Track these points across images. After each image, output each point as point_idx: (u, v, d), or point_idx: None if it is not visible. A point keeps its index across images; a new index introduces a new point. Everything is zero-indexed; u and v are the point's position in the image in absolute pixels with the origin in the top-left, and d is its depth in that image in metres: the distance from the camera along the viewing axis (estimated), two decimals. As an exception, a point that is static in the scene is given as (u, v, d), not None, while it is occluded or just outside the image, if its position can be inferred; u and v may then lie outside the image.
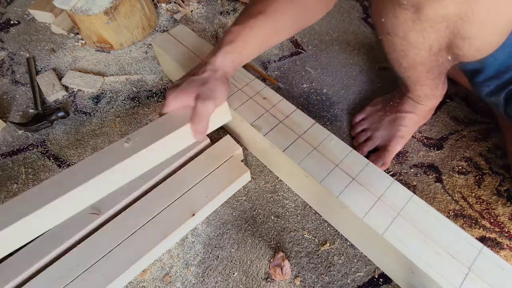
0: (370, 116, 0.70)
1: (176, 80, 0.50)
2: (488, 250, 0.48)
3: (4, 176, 0.72)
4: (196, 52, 0.74)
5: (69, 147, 0.75)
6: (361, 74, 0.80)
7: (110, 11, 0.81)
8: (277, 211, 0.63)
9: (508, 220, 0.59)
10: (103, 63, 0.88)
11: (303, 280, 0.56)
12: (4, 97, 0.84)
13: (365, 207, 0.52)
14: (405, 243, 0.49)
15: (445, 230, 0.50)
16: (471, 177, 0.64)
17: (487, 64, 0.50)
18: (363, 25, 0.88)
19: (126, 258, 0.55)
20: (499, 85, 0.53)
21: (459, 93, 0.74)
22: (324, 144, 0.59)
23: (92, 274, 0.54)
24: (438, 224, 0.50)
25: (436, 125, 0.70)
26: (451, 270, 0.47)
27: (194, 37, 0.77)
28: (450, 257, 0.48)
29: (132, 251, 0.56)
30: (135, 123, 0.77)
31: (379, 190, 0.54)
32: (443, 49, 0.47)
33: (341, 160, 0.57)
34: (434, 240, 0.49)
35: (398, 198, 0.53)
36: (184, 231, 0.61)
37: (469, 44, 0.44)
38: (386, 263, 0.55)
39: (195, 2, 0.97)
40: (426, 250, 0.48)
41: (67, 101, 0.82)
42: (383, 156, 0.64)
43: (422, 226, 0.50)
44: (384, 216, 0.51)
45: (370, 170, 0.56)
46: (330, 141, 0.59)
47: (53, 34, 0.95)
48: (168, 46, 0.75)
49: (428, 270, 0.47)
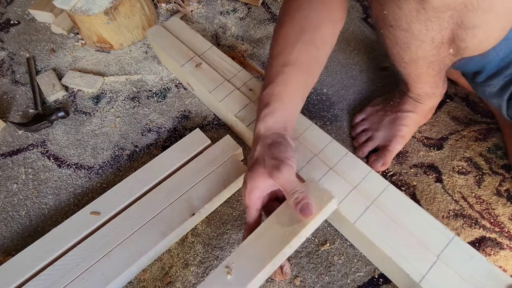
0: (371, 116, 0.70)
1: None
2: (459, 239, 0.49)
3: (4, 176, 0.72)
4: (187, 44, 0.77)
5: (69, 147, 0.75)
6: (361, 74, 0.80)
7: (110, 11, 0.81)
8: (277, 211, 0.63)
9: (508, 220, 0.59)
10: (103, 63, 0.88)
11: (303, 280, 0.56)
12: (4, 97, 0.84)
13: (340, 196, 0.54)
14: (375, 232, 0.51)
15: (418, 220, 0.51)
16: (471, 177, 0.64)
17: (489, 61, 0.50)
18: (363, 25, 0.88)
19: (126, 258, 0.55)
20: (502, 85, 0.53)
21: (459, 93, 0.74)
22: (305, 134, 0.61)
23: (92, 274, 0.54)
24: (411, 213, 0.52)
25: (436, 125, 0.70)
26: (420, 258, 0.48)
27: (187, 29, 0.80)
28: (420, 246, 0.49)
29: (132, 251, 0.55)
30: (135, 123, 0.77)
31: (355, 179, 0.55)
32: (445, 42, 0.46)
33: (320, 150, 0.59)
34: (406, 229, 0.51)
35: (374, 187, 0.54)
36: (184, 231, 0.60)
37: (472, 34, 0.43)
38: (371, 256, 0.57)
39: (195, 2, 0.97)
40: (396, 238, 0.50)
41: (67, 101, 0.82)
42: (384, 156, 0.64)
43: (395, 216, 0.52)
44: (358, 205, 0.53)
45: (349, 160, 0.58)
46: (312, 131, 0.61)
47: (53, 34, 0.95)
48: (162, 39, 0.78)
49: (396, 257, 0.48)
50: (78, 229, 0.58)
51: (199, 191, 0.61)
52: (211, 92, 0.68)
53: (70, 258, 0.55)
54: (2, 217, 0.67)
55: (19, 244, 0.58)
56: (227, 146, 0.65)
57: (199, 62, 0.73)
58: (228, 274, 0.44)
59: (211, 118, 0.75)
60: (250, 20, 0.92)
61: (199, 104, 0.78)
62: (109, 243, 0.56)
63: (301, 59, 0.50)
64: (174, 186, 0.61)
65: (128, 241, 0.56)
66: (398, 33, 0.47)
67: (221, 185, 0.61)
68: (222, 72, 0.71)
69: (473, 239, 0.58)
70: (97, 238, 0.57)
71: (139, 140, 0.74)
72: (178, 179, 0.62)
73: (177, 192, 0.61)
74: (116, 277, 0.53)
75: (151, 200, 0.60)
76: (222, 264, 0.45)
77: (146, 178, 0.63)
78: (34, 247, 0.57)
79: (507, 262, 0.56)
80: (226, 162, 0.63)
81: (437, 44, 0.47)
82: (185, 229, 0.60)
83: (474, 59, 0.50)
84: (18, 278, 0.54)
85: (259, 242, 0.46)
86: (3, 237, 0.65)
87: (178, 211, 0.59)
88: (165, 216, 0.59)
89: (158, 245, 0.56)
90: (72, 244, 0.57)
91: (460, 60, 0.50)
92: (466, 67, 0.58)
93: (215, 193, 0.60)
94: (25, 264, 0.55)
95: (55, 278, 0.53)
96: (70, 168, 0.72)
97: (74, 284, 0.53)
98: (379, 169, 0.65)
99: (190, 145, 0.66)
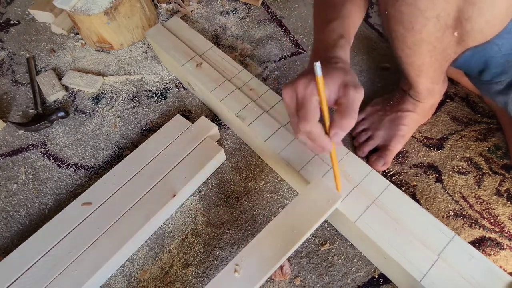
0: (371, 115, 0.70)
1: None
2: (459, 238, 0.50)
3: (4, 176, 0.72)
4: (187, 43, 0.77)
5: (69, 147, 0.75)
6: (361, 74, 0.80)
7: (110, 11, 0.81)
8: (277, 211, 0.63)
9: (508, 220, 0.59)
10: (103, 63, 0.88)
11: (303, 280, 0.56)
12: (4, 97, 0.84)
13: (341, 195, 0.54)
14: (376, 231, 0.51)
15: (419, 219, 0.51)
16: (471, 177, 0.64)
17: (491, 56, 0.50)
18: (363, 25, 0.88)
19: (112, 244, 0.57)
20: (508, 82, 0.52)
21: (459, 93, 0.74)
22: None
23: (81, 263, 0.56)
24: (412, 212, 0.52)
25: (436, 125, 0.70)
26: (420, 257, 0.48)
27: (188, 29, 0.80)
28: (421, 245, 0.49)
29: (118, 236, 0.58)
30: (135, 123, 0.77)
31: (356, 179, 0.56)
32: (450, 24, 0.46)
33: None
34: (407, 228, 0.51)
35: (374, 187, 0.55)
36: (167, 214, 0.63)
37: (478, 10, 0.43)
38: (371, 256, 0.57)
39: (195, 2, 0.97)
40: (397, 237, 0.50)
41: (67, 101, 0.82)
42: (384, 156, 0.64)
43: (396, 215, 0.52)
44: (359, 204, 0.53)
45: (349, 159, 0.58)
46: None
47: (53, 34, 0.95)
48: (163, 38, 0.78)
49: (397, 256, 0.49)
50: (71, 220, 0.60)
51: (179, 173, 0.64)
52: (212, 92, 0.69)
53: (61, 248, 0.57)
54: (2, 217, 0.67)
55: (19, 244, 0.59)
56: (203, 126, 0.68)
57: (199, 62, 0.73)
58: (236, 272, 0.45)
59: (211, 118, 0.75)
60: (250, 20, 0.92)
61: (199, 104, 0.78)
62: (96, 231, 0.58)
63: (352, 4, 0.51)
64: (155, 169, 0.64)
65: (114, 227, 0.59)
66: (404, 8, 0.46)
67: (197, 165, 0.64)
68: (223, 72, 0.71)
69: (473, 239, 0.58)
70: (85, 227, 0.59)
71: (139, 140, 0.74)
72: (159, 163, 0.65)
73: (158, 175, 0.64)
74: (104, 263, 0.55)
75: (134, 185, 0.63)
76: (231, 261, 0.47)
77: (133, 165, 0.65)
78: (29, 243, 0.58)
79: (507, 262, 0.56)
80: (202, 143, 0.67)
81: (442, 25, 0.46)
82: (167, 212, 0.63)
83: (476, 55, 0.49)
84: (13, 275, 0.55)
85: (269, 241, 0.49)
86: (3, 237, 0.65)
87: (160, 193, 0.62)
88: (148, 199, 0.62)
89: (142, 228, 0.58)
90: (65, 235, 0.59)
91: (463, 53, 0.50)
92: (469, 64, 0.58)
93: (193, 173, 0.64)
94: (20, 261, 0.57)
95: (45, 271, 0.55)
96: (70, 168, 0.72)
97: (64, 274, 0.55)
98: (380, 169, 0.65)
99: (172, 130, 0.69)
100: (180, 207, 0.65)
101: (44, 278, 0.54)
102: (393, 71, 0.79)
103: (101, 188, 0.63)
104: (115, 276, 0.59)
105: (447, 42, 0.48)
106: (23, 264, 0.56)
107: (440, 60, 0.53)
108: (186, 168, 0.64)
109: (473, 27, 0.45)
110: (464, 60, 0.51)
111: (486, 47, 0.48)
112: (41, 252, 0.57)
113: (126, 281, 0.59)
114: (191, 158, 0.65)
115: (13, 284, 0.54)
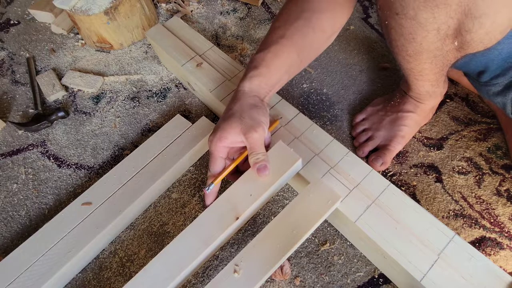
0: (371, 116, 0.70)
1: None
2: (459, 238, 0.50)
3: (4, 176, 0.72)
4: (188, 43, 0.77)
5: (69, 147, 0.75)
6: (361, 74, 0.80)
7: (110, 11, 0.81)
8: (277, 211, 0.63)
9: (508, 220, 0.59)
10: (103, 63, 0.88)
11: (303, 280, 0.56)
12: (4, 97, 0.84)
13: (341, 195, 0.54)
14: (376, 231, 0.51)
15: (419, 218, 0.52)
16: (471, 177, 0.64)
17: (491, 59, 0.50)
18: (363, 25, 0.88)
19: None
20: (506, 84, 0.52)
21: (459, 93, 0.74)
22: (306, 134, 0.62)
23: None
24: (412, 212, 0.52)
25: (436, 125, 0.70)
26: (421, 256, 0.49)
27: (188, 29, 0.79)
28: (421, 244, 0.49)
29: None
30: (135, 123, 0.77)
31: (356, 179, 0.56)
32: (450, 34, 0.46)
33: (321, 150, 0.59)
34: (407, 228, 0.51)
35: (374, 187, 0.55)
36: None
37: (479, 24, 0.43)
38: (371, 256, 0.57)
39: (195, 2, 0.97)
40: (397, 237, 0.50)
41: (67, 101, 0.82)
42: (383, 156, 0.64)
43: (396, 215, 0.52)
44: (359, 204, 0.53)
45: (349, 160, 0.58)
46: (312, 131, 0.62)
47: (53, 34, 0.95)
48: (163, 38, 0.78)
49: (397, 256, 0.49)
50: (71, 220, 0.60)
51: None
52: (212, 92, 0.69)
53: (61, 248, 0.57)
54: (2, 217, 0.67)
55: (19, 244, 0.59)
56: (203, 126, 0.68)
57: (199, 62, 0.73)
58: (235, 272, 0.45)
59: (211, 118, 0.75)
60: (250, 20, 0.92)
61: (199, 104, 0.78)
62: (97, 228, 0.59)
63: (296, 36, 0.53)
64: (155, 168, 0.64)
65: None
66: (404, 21, 0.46)
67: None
68: (223, 72, 0.71)
69: (473, 239, 0.58)
70: (87, 226, 0.59)
71: (139, 140, 0.74)
72: (159, 162, 0.65)
73: (159, 173, 0.64)
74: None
75: (135, 184, 0.63)
76: (231, 261, 0.47)
77: (133, 165, 0.65)
78: (29, 243, 0.58)
79: (507, 262, 0.56)
80: (202, 142, 0.67)
81: (442, 36, 0.46)
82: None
83: (476, 58, 0.50)
84: (13, 275, 0.55)
85: (269, 241, 0.49)
86: (3, 237, 0.65)
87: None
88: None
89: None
90: (65, 235, 0.59)
91: (463, 57, 0.50)
92: (468, 66, 0.58)
93: None
94: (20, 261, 0.57)
95: (45, 271, 0.55)
96: (70, 168, 0.72)
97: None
98: (378, 169, 0.65)
99: (172, 130, 0.69)
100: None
101: (44, 278, 0.54)
102: (393, 71, 0.79)
103: (101, 188, 0.63)
104: (115, 276, 0.59)
105: (447, 50, 0.49)
106: (23, 264, 0.56)
107: (440, 65, 0.53)
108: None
109: (473, 38, 0.45)
110: (464, 62, 0.51)
111: (486, 51, 0.48)
112: (41, 252, 0.57)
113: (126, 281, 0.59)
114: (190, 158, 0.65)
115: (13, 284, 0.54)
